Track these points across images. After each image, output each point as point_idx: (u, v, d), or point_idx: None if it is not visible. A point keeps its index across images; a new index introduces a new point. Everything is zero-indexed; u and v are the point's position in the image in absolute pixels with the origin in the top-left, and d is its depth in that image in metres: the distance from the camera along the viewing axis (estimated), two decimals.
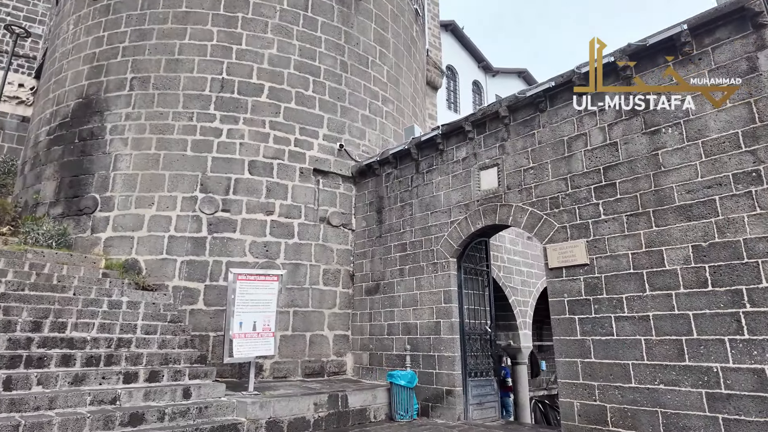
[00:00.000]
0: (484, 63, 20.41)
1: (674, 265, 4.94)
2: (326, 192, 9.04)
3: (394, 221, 8.33)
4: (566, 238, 5.90)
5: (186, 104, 8.55)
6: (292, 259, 8.34)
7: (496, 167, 6.91)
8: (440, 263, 7.36)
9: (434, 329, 7.21)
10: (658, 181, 5.21)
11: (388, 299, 8.10)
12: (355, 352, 8.51)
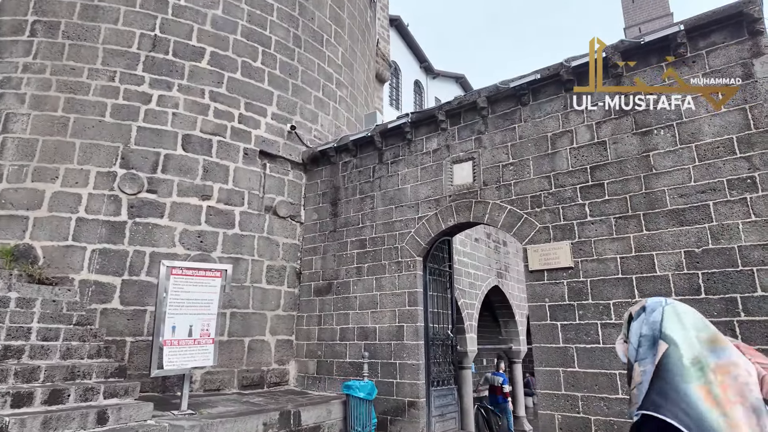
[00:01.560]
0: (425, 64, 20.27)
1: (666, 270, 4.77)
2: (273, 178, 8.01)
3: (352, 215, 7.56)
4: (549, 239, 5.56)
5: (107, 61, 7.08)
6: (231, 253, 7.23)
7: (471, 161, 6.44)
8: (405, 262, 6.73)
9: (396, 334, 6.55)
10: (650, 184, 5.03)
11: (342, 300, 7.30)
12: (299, 359, 7.59)
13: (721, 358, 1.09)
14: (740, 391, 1.03)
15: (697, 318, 1.20)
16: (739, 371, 1.06)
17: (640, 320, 1.27)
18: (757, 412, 1.01)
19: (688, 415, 1.00)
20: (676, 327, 1.15)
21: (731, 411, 1.00)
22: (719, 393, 1.02)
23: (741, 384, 1.04)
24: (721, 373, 1.05)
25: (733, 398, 1.02)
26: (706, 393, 1.02)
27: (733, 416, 0.99)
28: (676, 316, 1.19)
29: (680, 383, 1.05)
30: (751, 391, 1.04)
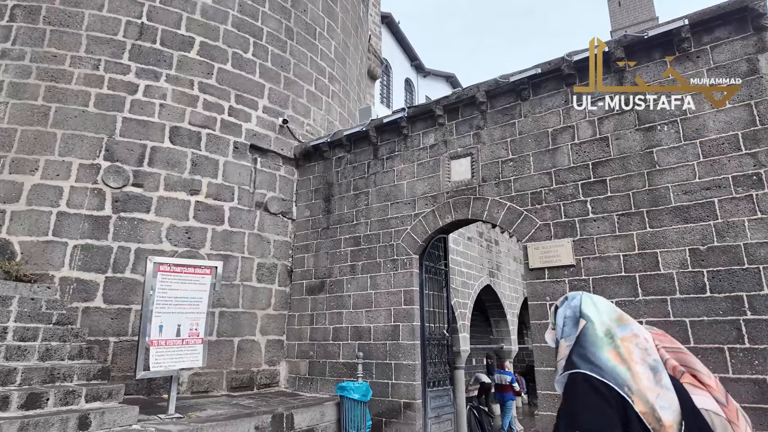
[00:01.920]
0: (416, 62, 20.15)
1: (670, 268, 4.68)
2: (264, 173, 7.78)
3: (346, 211, 7.36)
4: (549, 237, 5.45)
5: (91, 48, 6.77)
6: (220, 250, 6.98)
7: (469, 157, 6.30)
8: (401, 260, 6.57)
9: (392, 334, 6.38)
10: (653, 180, 4.94)
11: (335, 299, 7.10)
12: (290, 360, 7.37)
13: (626, 331, 1.34)
14: (641, 354, 1.28)
15: (607, 303, 1.44)
16: (639, 340, 1.32)
17: (564, 306, 1.49)
18: (654, 370, 1.25)
19: (602, 369, 1.24)
20: (592, 309, 1.40)
21: (634, 366, 1.24)
22: (625, 354, 1.27)
23: (641, 349, 1.29)
24: (626, 341, 1.30)
25: (636, 359, 1.27)
26: (615, 354, 1.27)
27: (636, 370, 1.23)
28: (591, 301, 1.43)
29: (595, 349, 1.29)
30: (649, 354, 1.29)
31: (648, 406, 1.18)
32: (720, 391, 1.43)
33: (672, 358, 1.47)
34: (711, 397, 1.38)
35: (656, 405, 1.18)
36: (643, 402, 1.19)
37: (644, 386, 1.21)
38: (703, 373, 1.44)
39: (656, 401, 1.19)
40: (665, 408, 1.19)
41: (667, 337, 1.56)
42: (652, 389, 1.21)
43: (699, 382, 1.43)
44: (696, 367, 1.45)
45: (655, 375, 1.25)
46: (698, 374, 1.44)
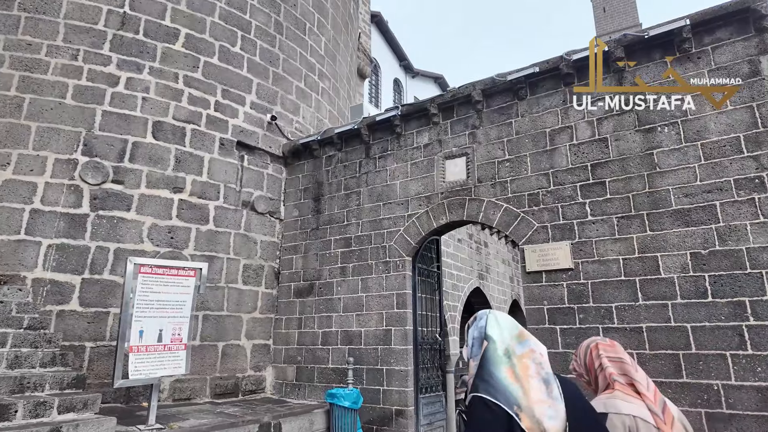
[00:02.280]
0: (405, 62, 20.01)
1: (671, 273, 4.58)
2: (252, 171, 7.51)
3: (336, 212, 7.14)
4: (547, 239, 5.32)
5: (69, 37, 6.43)
6: (204, 251, 6.69)
7: (464, 157, 6.15)
8: (393, 262, 6.38)
9: (383, 338, 6.18)
10: (653, 183, 4.85)
11: (324, 302, 6.87)
12: (277, 365, 7.11)
13: (524, 347, 1.45)
14: (536, 368, 1.40)
15: (509, 321, 1.54)
16: (535, 355, 1.43)
17: (473, 327, 1.59)
18: (546, 383, 1.38)
19: (496, 389, 1.36)
20: (495, 329, 1.50)
21: (527, 383, 1.36)
22: (520, 372, 1.39)
23: (536, 364, 1.41)
24: (524, 357, 1.42)
25: (531, 374, 1.39)
26: (510, 373, 1.38)
27: (528, 386, 1.36)
28: (495, 321, 1.54)
29: (493, 369, 1.41)
30: (543, 368, 1.41)
31: (534, 420, 1.33)
32: (656, 401, 1.63)
33: (611, 367, 1.73)
34: (644, 405, 1.61)
35: (543, 417, 1.33)
36: (530, 417, 1.34)
37: (534, 400, 1.36)
38: (641, 384, 1.66)
39: (544, 413, 1.34)
40: (553, 417, 1.35)
41: (615, 347, 1.82)
42: (543, 401, 1.36)
43: (635, 391, 1.65)
44: (635, 377, 1.67)
45: (547, 387, 1.40)
46: (636, 384, 1.67)
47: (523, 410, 1.34)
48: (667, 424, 1.62)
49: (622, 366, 1.75)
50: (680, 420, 1.75)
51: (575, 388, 1.49)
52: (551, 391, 1.40)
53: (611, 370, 1.75)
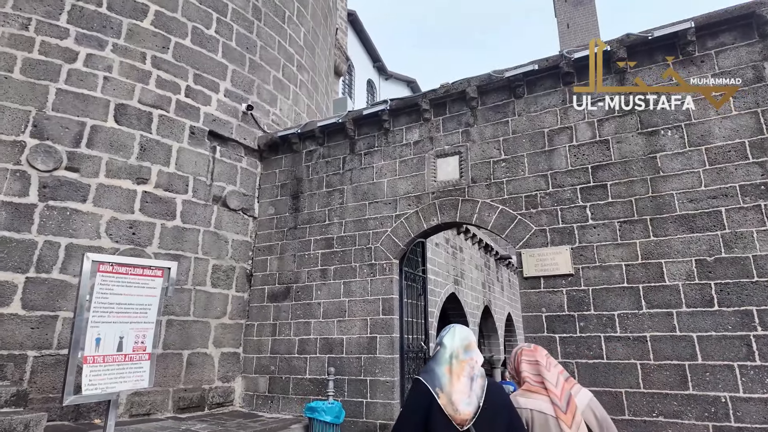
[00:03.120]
0: (379, 63, 19.73)
1: (675, 280, 4.43)
2: (224, 164, 6.93)
3: (317, 210, 6.67)
4: (546, 244, 5.08)
5: (19, 4, 5.68)
6: (170, 249, 6.06)
7: (457, 156, 5.85)
8: (379, 265, 5.98)
9: (368, 347, 5.76)
10: (657, 187, 4.71)
11: (302, 307, 6.37)
12: (248, 375, 6.53)
13: (467, 355, 1.86)
14: (469, 371, 1.80)
15: (464, 335, 1.92)
16: (473, 362, 1.84)
17: (439, 336, 1.98)
18: (473, 381, 1.78)
19: (430, 376, 1.80)
20: (449, 339, 1.90)
21: (456, 378, 1.77)
22: (455, 370, 1.79)
23: (470, 367, 1.81)
24: (464, 362, 1.82)
25: (463, 374, 1.79)
26: (448, 370, 1.80)
27: (455, 380, 1.77)
28: (453, 332, 1.93)
29: (435, 365, 1.84)
30: (474, 371, 1.81)
31: (450, 402, 1.70)
32: (563, 395, 1.91)
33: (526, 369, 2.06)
34: (548, 400, 1.91)
35: (459, 403, 1.70)
36: (447, 398, 1.71)
37: (456, 390, 1.73)
38: (550, 382, 1.95)
39: (461, 400, 1.71)
40: (468, 404, 1.70)
41: (535, 351, 2.10)
42: (463, 392, 1.73)
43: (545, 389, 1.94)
44: (546, 376, 1.97)
45: (472, 383, 1.76)
46: (546, 382, 1.95)
47: (443, 392, 1.74)
48: (568, 414, 1.89)
49: (537, 367, 2.06)
50: (590, 407, 2.01)
51: (500, 389, 1.86)
52: (473, 387, 1.76)
53: (525, 372, 2.09)
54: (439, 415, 1.72)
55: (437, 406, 1.73)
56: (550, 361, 2.09)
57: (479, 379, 1.80)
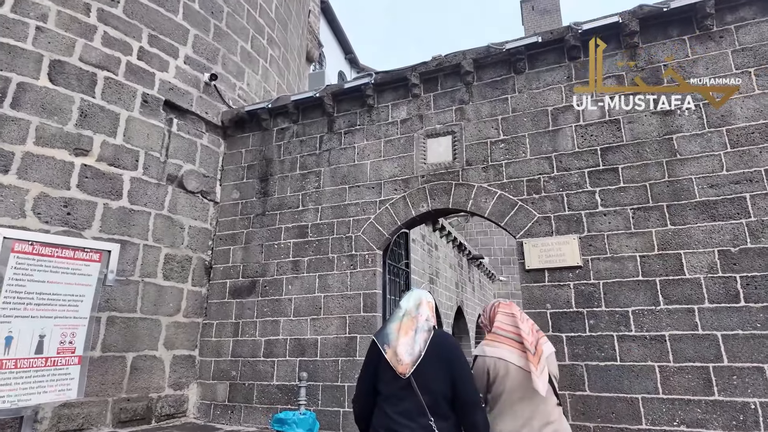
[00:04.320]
0: (351, 55, 19.04)
1: (696, 273, 4.00)
2: (182, 139, 6.05)
3: (289, 195, 5.92)
4: (550, 232, 4.56)
5: None
6: (114, 233, 5.13)
7: (450, 136, 5.27)
8: (361, 256, 5.29)
9: (346, 348, 5.06)
10: (674, 171, 4.28)
11: (270, 304, 5.59)
12: (204, 382, 5.67)
13: (417, 312, 2.04)
14: (414, 325, 1.99)
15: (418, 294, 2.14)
16: (419, 317, 2.02)
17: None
18: (417, 334, 1.96)
19: (382, 334, 2.03)
20: (405, 300, 2.11)
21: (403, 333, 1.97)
22: (402, 327, 2.00)
23: (417, 323, 2.00)
24: (413, 319, 2.02)
25: (408, 329, 1.99)
26: (397, 326, 2.01)
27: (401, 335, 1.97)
28: (409, 294, 2.14)
29: (389, 323, 2.07)
30: (418, 324, 2.00)
31: (393, 353, 1.93)
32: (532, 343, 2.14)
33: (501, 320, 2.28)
34: (513, 350, 2.16)
35: (403, 354, 1.90)
36: (392, 351, 1.94)
37: (400, 343, 1.94)
38: (524, 331, 2.19)
39: (405, 351, 1.91)
40: (410, 354, 1.90)
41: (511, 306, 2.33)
42: (407, 344, 1.93)
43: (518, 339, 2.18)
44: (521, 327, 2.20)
45: (416, 336, 1.96)
46: (521, 332, 2.19)
47: (390, 347, 1.96)
48: (535, 357, 2.10)
49: (513, 319, 2.23)
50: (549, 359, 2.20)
51: (445, 342, 2.00)
52: (417, 339, 1.94)
53: (499, 322, 2.26)
54: (386, 367, 1.93)
55: (384, 360, 1.94)
56: (523, 316, 2.30)
57: (423, 332, 1.96)
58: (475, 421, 1.89)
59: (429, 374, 1.87)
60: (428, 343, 1.93)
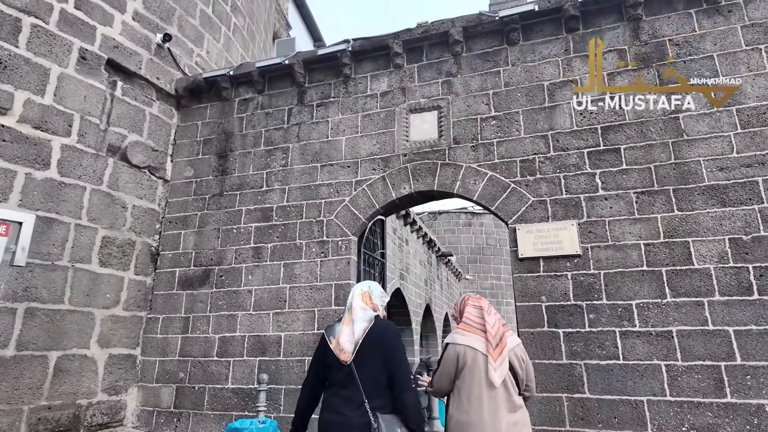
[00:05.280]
0: (319, 43, 18.26)
1: (705, 262, 3.65)
2: (127, 106, 5.25)
3: (252, 173, 5.23)
4: (546, 218, 4.13)
5: None
6: (38, 209, 4.30)
7: (436, 111, 4.76)
8: (333, 243, 4.69)
9: (313, 347, 4.38)
10: (680, 153, 3.93)
11: (226, 296, 4.89)
12: (146, 385, 4.90)
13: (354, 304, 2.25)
14: (352, 317, 2.19)
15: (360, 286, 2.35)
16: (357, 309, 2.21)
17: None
18: (354, 324, 2.16)
19: (332, 329, 2.24)
20: (350, 296, 2.31)
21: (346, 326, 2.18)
22: (346, 319, 2.20)
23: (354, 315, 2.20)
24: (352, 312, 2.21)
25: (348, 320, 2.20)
26: (343, 321, 2.23)
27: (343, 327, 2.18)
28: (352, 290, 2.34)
29: (338, 320, 2.29)
30: (356, 316, 2.19)
31: (336, 342, 2.13)
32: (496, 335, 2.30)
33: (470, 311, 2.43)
34: (481, 340, 2.30)
35: (344, 343, 2.11)
36: (336, 341, 2.14)
37: (343, 333, 2.15)
38: (489, 323, 2.33)
39: (346, 340, 2.11)
40: (350, 342, 2.10)
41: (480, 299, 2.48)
42: (347, 333, 2.13)
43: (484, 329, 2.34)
44: (487, 319, 2.35)
45: (354, 326, 2.14)
46: (486, 324, 2.33)
47: (335, 338, 2.16)
48: (497, 350, 2.26)
49: (480, 311, 2.40)
50: (515, 351, 2.35)
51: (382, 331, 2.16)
52: (355, 329, 2.13)
53: (468, 314, 2.42)
54: (332, 356, 2.14)
55: (330, 350, 2.16)
56: (491, 309, 2.43)
57: (363, 322, 2.16)
58: (404, 401, 2.08)
59: (367, 360, 2.08)
60: (366, 331, 2.13)
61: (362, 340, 2.08)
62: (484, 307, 2.41)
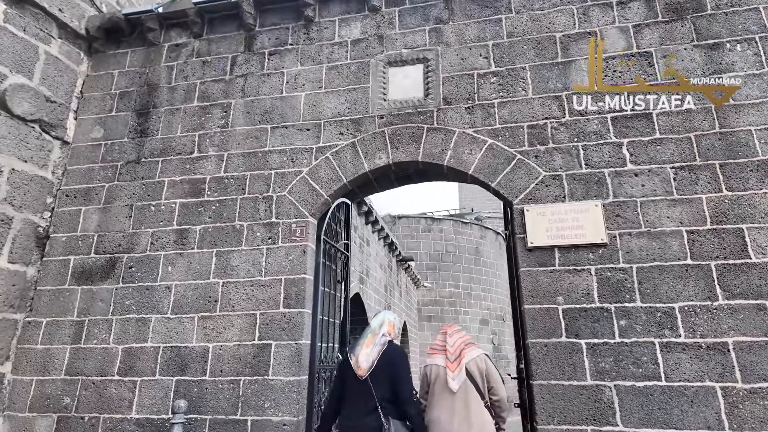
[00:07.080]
0: None
1: (765, 255, 2.87)
2: (13, 38, 3.93)
3: (180, 135, 4.04)
4: (562, 197, 3.24)
5: None
6: None
7: (422, 64, 3.80)
8: (285, 226, 3.59)
9: (253, 362, 3.29)
10: (726, 120, 3.17)
11: (136, 294, 3.65)
12: (16, 414, 3.55)
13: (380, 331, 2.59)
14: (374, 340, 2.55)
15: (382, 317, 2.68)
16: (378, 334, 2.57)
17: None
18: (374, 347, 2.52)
19: (352, 348, 2.60)
20: (375, 319, 2.68)
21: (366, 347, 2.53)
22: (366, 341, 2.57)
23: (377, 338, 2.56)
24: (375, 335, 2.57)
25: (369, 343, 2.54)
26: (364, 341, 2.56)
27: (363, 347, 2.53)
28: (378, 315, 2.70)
29: (360, 340, 2.59)
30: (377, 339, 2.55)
31: (355, 360, 2.50)
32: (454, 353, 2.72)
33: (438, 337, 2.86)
34: (442, 356, 2.74)
35: (362, 361, 2.47)
36: (356, 358, 2.51)
37: (361, 353, 2.50)
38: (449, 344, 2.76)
39: (364, 359, 2.47)
40: (366, 362, 2.47)
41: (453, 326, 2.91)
42: (366, 354, 2.49)
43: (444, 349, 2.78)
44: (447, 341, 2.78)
45: (372, 348, 2.51)
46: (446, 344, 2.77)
47: (354, 355, 2.53)
48: (455, 363, 2.68)
49: (444, 336, 2.84)
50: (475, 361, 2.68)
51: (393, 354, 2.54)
52: (372, 351, 2.49)
53: (434, 341, 2.89)
54: (350, 370, 2.50)
55: (349, 364, 2.52)
56: (454, 332, 2.85)
57: (379, 346, 2.52)
58: (408, 412, 2.47)
59: (379, 377, 2.46)
60: (381, 354, 2.51)
61: (377, 361, 2.48)
62: (448, 332, 2.87)
